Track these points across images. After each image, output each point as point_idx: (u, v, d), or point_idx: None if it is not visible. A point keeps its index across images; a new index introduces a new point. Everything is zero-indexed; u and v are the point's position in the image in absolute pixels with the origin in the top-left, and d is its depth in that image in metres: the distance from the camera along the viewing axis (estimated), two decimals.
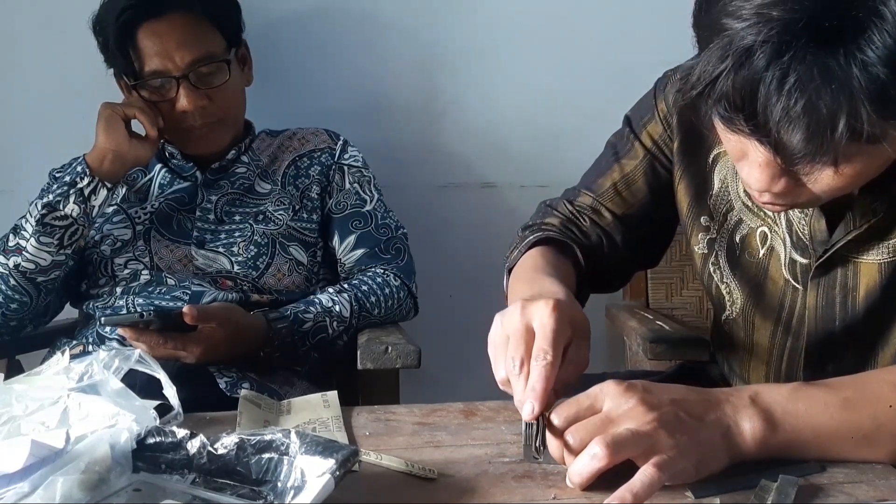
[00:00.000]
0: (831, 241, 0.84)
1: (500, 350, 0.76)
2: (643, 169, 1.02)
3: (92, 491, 0.60)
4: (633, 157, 1.03)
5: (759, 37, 0.62)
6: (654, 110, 1.00)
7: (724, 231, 0.96)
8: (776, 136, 0.64)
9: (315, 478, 0.60)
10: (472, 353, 1.80)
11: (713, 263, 0.98)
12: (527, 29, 1.74)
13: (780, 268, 0.91)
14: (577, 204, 1.07)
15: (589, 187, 1.06)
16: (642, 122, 1.02)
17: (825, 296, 0.87)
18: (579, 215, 1.06)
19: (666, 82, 0.99)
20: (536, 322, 0.74)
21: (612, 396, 0.69)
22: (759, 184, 0.73)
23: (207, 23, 1.36)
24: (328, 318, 1.30)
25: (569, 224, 1.06)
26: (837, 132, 0.61)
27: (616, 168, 1.04)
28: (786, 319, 0.92)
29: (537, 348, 0.72)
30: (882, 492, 0.67)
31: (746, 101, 0.64)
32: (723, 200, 0.95)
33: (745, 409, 0.70)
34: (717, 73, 0.64)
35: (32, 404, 0.73)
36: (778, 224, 0.90)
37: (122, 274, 1.37)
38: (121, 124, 1.32)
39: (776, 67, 0.62)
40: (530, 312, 0.74)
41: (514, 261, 1.01)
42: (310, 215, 1.45)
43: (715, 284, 0.99)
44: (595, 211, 1.05)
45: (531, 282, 0.90)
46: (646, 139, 1.01)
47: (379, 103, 1.75)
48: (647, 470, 0.63)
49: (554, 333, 0.72)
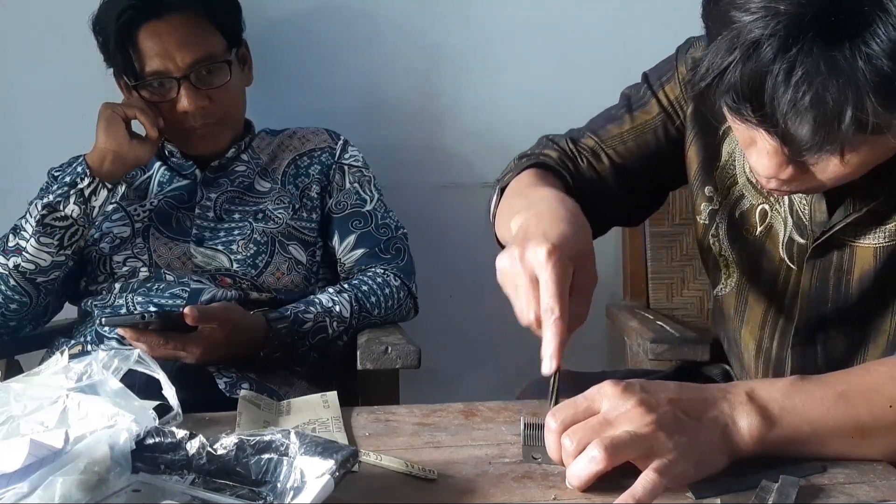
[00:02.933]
0: (830, 224, 0.85)
1: (513, 296, 0.75)
2: (654, 125, 1.02)
3: (91, 491, 0.60)
4: (647, 111, 1.03)
5: (766, 30, 0.63)
6: (675, 71, 1.00)
7: (726, 204, 0.97)
8: (783, 127, 0.66)
9: (315, 478, 0.60)
10: (472, 353, 1.81)
11: (713, 235, 0.99)
12: (527, 29, 1.74)
13: (776, 247, 0.92)
14: (580, 144, 1.06)
15: (595, 131, 1.06)
16: (661, 80, 1.02)
17: (819, 277, 0.88)
18: (579, 155, 1.06)
19: (689, 47, 0.99)
20: (538, 273, 0.72)
21: (609, 398, 0.69)
22: (766, 170, 0.74)
23: (208, 23, 1.36)
24: (328, 319, 1.30)
25: (566, 159, 1.05)
26: (844, 124, 0.63)
27: (627, 118, 1.04)
28: (778, 298, 0.93)
29: (544, 304, 0.71)
30: (882, 492, 0.66)
31: (754, 92, 0.65)
32: (728, 174, 0.96)
33: (741, 406, 0.70)
34: (726, 64, 0.66)
35: (31, 404, 0.73)
36: (780, 204, 0.91)
37: (120, 271, 1.37)
38: (121, 125, 1.32)
39: (783, 60, 0.63)
40: (529, 261, 0.73)
41: (507, 181, 1.02)
42: (309, 214, 1.45)
43: (713, 256, 1.00)
44: (595, 154, 1.05)
45: (527, 195, 0.90)
46: (663, 97, 1.02)
47: (379, 103, 1.75)
48: (649, 475, 0.63)
49: (557, 287, 0.71)
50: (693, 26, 0.74)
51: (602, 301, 1.72)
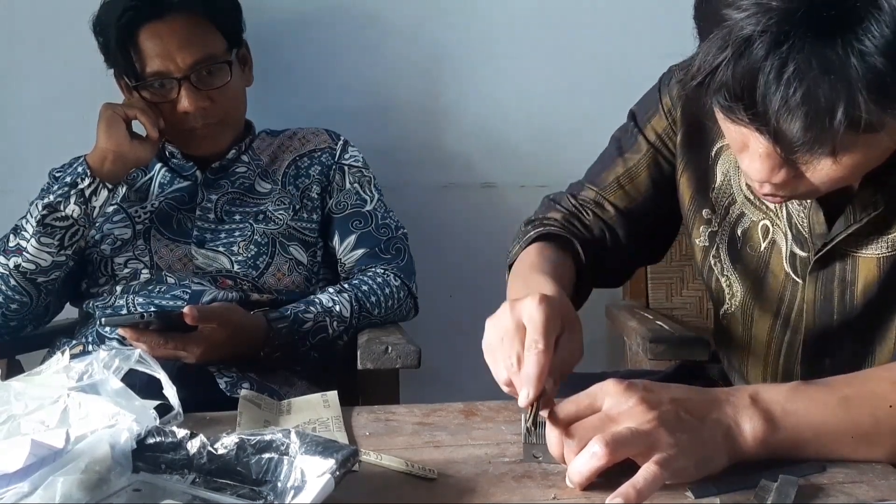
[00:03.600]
0: (831, 235, 0.84)
1: (496, 353, 0.76)
2: (646, 163, 1.02)
3: (92, 491, 0.60)
4: (636, 151, 1.03)
5: (758, 27, 0.63)
6: (659, 104, 1.00)
7: (725, 224, 0.97)
8: (775, 125, 0.65)
9: (315, 478, 0.60)
10: (472, 353, 1.79)
11: (714, 256, 0.99)
12: (527, 29, 1.74)
13: (781, 261, 0.91)
14: (580, 198, 1.07)
15: (592, 181, 1.06)
16: (646, 116, 1.02)
17: (823, 290, 0.87)
18: (582, 209, 1.06)
19: (670, 77, 0.99)
20: (526, 317, 0.73)
21: (611, 395, 0.69)
22: (759, 174, 0.74)
23: (208, 24, 1.36)
24: (328, 318, 1.30)
25: (571, 218, 1.06)
26: (836, 121, 0.62)
27: (619, 162, 1.04)
28: (784, 313, 0.92)
29: (529, 340, 0.72)
30: (882, 492, 0.67)
31: (746, 90, 0.65)
32: (725, 194, 0.96)
33: (745, 409, 0.70)
34: (717, 62, 0.65)
35: (32, 404, 0.73)
36: (780, 218, 0.90)
37: (122, 273, 1.37)
38: (122, 125, 1.32)
39: (775, 57, 0.62)
40: (519, 310, 0.74)
41: (514, 257, 1.02)
42: (310, 215, 1.45)
43: (715, 277, 0.99)
44: (598, 205, 1.05)
45: (526, 280, 0.90)
46: (650, 133, 1.02)
47: (379, 103, 1.75)
48: (650, 467, 0.63)
49: (543, 325, 0.72)
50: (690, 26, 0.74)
51: (602, 301, 1.72)
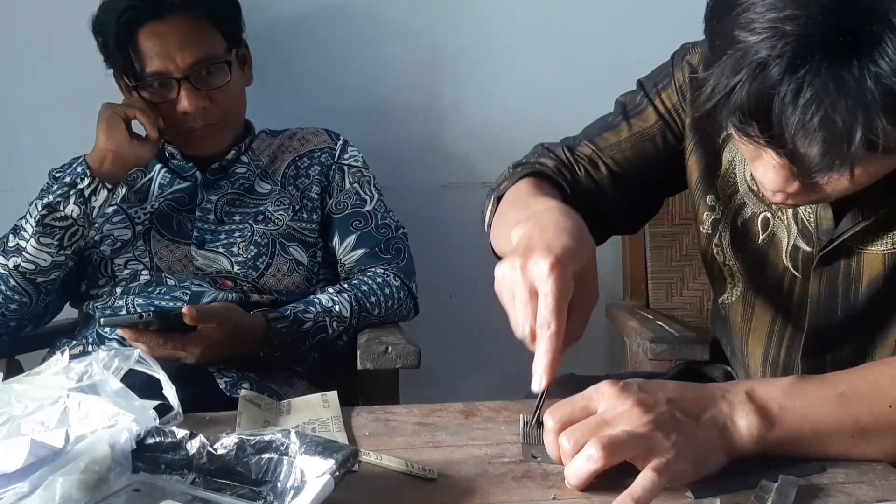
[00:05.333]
0: (838, 232, 0.84)
1: (510, 308, 0.73)
2: (653, 133, 1.01)
3: (91, 491, 0.60)
4: (644, 119, 1.02)
5: (773, 51, 0.62)
6: (671, 78, 0.99)
7: (728, 213, 0.96)
8: (791, 148, 0.65)
9: (315, 478, 0.60)
10: (472, 353, 1.81)
11: (716, 244, 0.98)
12: (527, 29, 1.74)
13: (779, 255, 0.91)
14: (576, 152, 1.05)
15: (592, 140, 1.05)
16: (657, 87, 1.01)
17: (828, 285, 0.87)
18: (576, 163, 1.04)
19: (684, 54, 0.99)
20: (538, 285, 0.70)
21: (607, 398, 0.69)
22: (773, 185, 0.73)
23: (208, 24, 1.36)
24: (328, 318, 1.30)
25: (563, 168, 1.04)
26: (854, 145, 0.62)
27: (624, 126, 1.02)
28: (786, 306, 0.92)
29: (541, 318, 0.69)
30: (882, 492, 0.66)
31: (761, 113, 0.64)
32: (729, 182, 0.95)
33: (741, 406, 0.70)
34: (732, 84, 0.65)
35: (32, 404, 0.73)
36: (783, 211, 0.90)
37: (121, 274, 1.37)
38: (121, 125, 1.32)
39: (791, 81, 0.62)
40: (530, 273, 0.71)
41: (503, 190, 1.00)
42: (310, 215, 1.45)
43: (717, 265, 0.99)
44: (592, 163, 1.04)
45: (525, 206, 0.88)
46: (660, 105, 1.00)
47: (379, 103, 1.75)
48: (647, 474, 0.63)
49: (556, 300, 0.69)
50: (692, 27, 0.74)
51: (602, 301, 1.72)
